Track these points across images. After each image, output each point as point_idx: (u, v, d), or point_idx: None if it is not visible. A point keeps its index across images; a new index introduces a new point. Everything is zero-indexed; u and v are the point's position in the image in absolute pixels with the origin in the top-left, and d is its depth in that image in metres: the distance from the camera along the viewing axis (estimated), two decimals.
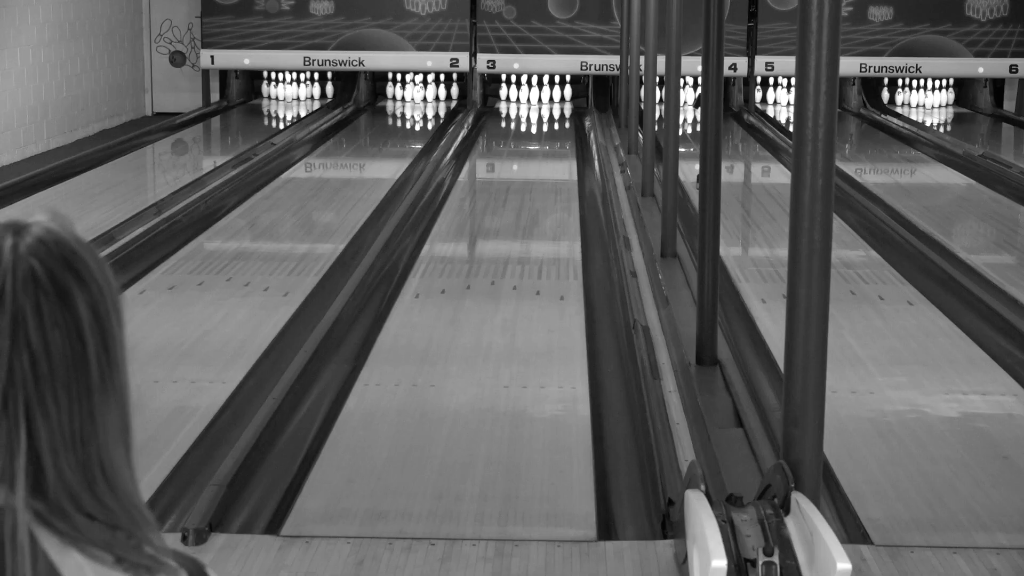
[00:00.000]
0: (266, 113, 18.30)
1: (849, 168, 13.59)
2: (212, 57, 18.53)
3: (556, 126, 17.51)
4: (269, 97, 19.21)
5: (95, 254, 1.32)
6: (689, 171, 12.18)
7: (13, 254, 1.25)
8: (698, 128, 13.82)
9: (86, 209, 11.22)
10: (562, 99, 19.07)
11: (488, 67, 18.64)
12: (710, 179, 6.64)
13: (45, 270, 1.25)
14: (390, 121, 18.14)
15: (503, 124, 17.75)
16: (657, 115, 12.64)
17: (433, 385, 6.44)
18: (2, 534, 1.20)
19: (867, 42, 18.58)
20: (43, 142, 14.86)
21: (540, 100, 19.02)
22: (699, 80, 17.63)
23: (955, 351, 7.10)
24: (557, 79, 19.05)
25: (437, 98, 19.16)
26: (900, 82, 19.35)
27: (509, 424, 5.92)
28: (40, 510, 1.22)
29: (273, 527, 4.76)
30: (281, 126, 17.19)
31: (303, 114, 18.05)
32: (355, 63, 18.59)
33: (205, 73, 18.86)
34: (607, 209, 11.26)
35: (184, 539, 4.27)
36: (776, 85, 19.21)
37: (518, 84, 19.07)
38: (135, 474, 1.31)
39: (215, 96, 18.95)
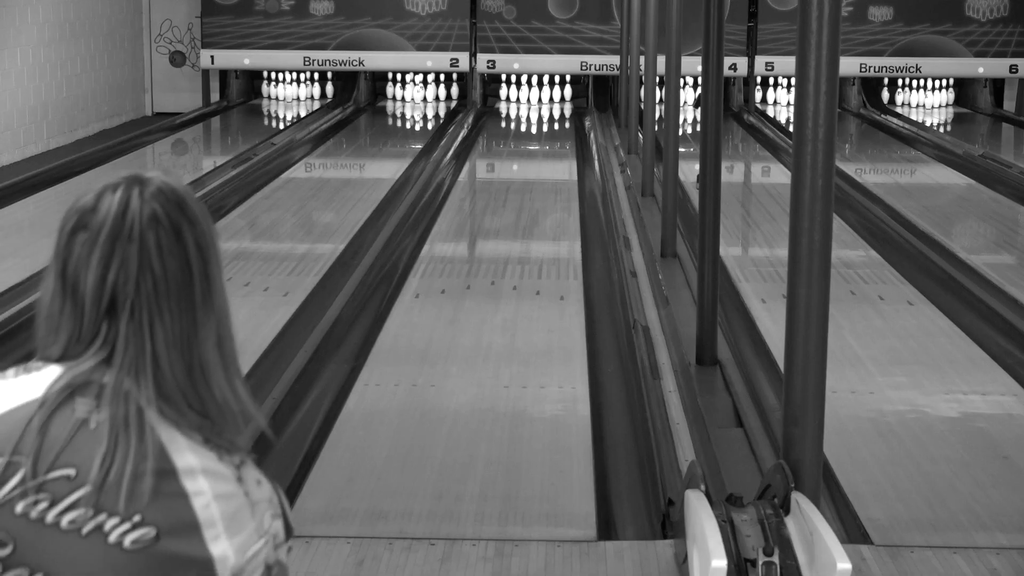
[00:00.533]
0: (266, 113, 18.31)
1: (849, 168, 13.59)
2: (212, 57, 18.54)
3: (556, 126, 17.51)
4: (269, 97, 19.21)
5: (200, 203, 1.64)
6: (689, 171, 12.18)
7: (140, 199, 1.60)
8: (698, 128, 13.82)
9: None
10: (562, 99, 19.08)
11: (488, 67, 18.64)
12: (710, 179, 6.64)
13: (164, 212, 1.59)
14: (390, 121, 18.14)
15: (503, 124, 17.76)
16: (657, 115, 12.64)
17: (433, 385, 6.44)
18: (126, 412, 1.53)
19: (867, 42, 18.58)
20: (43, 142, 14.86)
21: (540, 100, 19.03)
22: (699, 80, 17.63)
23: (955, 351, 7.10)
24: (557, 79, 19.05)
25: (437, 98, 19.16)
26: (900, 82, 19.35)
27: (509, 424, 5.92)
28: (153, 396, 1.56)
29: None
30: (281, 126, 17.19)
31: (303, 114, 18.05)
32: (355, 63, 18.59)
33: (205, 73, 18.86)
34: (607, 209, 11.26)
35: None
36: (776, 85, 19.21)
37: (518, 84, 19.08)
38: (233, 379, 1.62)
39: (215, 96, 18.95)
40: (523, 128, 17.55)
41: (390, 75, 19.24)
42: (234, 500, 1.57)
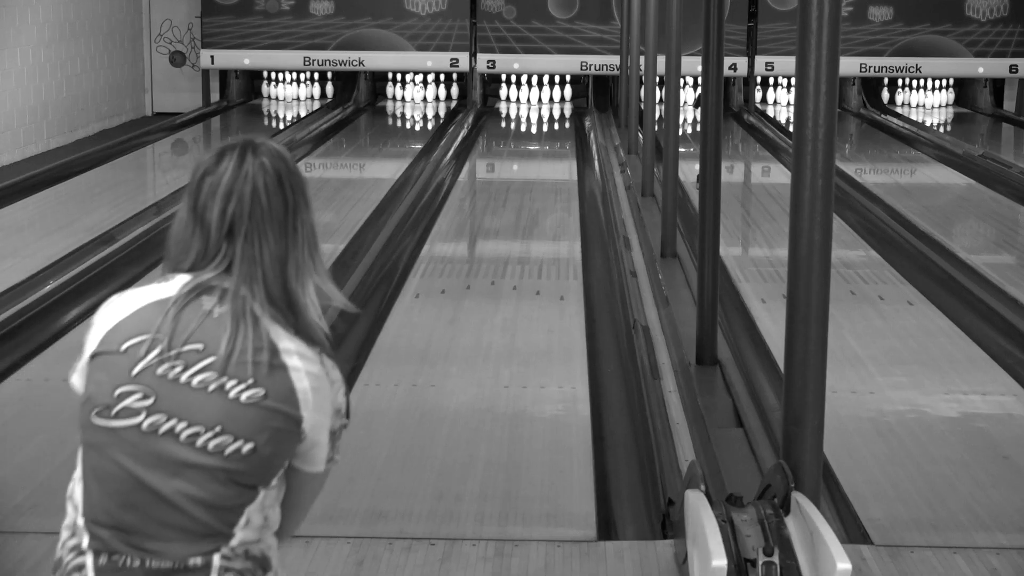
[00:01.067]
0: (266, 113, 18.31)
1: (849, 168, 13.59)
2: (212, 57, 18.54)
3: (556, 126, 17.51)
4: (269, 97, 19.21)
5: (294, 161, 2.22)
6: (689, 171, 12.18)
7: (253, 155, 2.16)
8: (698, 128, 13.83)
9: (86, 209, 11.23)
10: (562, 99, 19.08)
11: (488, 67, 18.65)
12: (710, 179, 6.64)
13: (270, 164, 2.16)
14: (390, 121, 18.14)
15: (503, 124, 17.76)
16: (657, 115, 12.64)
17: (433, 385, 6.44)
18: (242, 307, 2.11)
19: (867, 42, 18.58)
20: (43, 142, 14.86)
21: (540, 100, 19.02)
22: (699, 80, 17.64)
23: (955, 351, 7.10)
24: (557, 79, 19.05)
25: (437, 98, 19.17)
26: (900, 82, 19.36)
27: (509, 424, 5.93)
28: (263, 298, 2.13)
29: None
30: (281, 126, 17.19)
31: (303, 114, 18.05)
32: (355, 63, 18.59)
33: (205, 73, 18.86)
34: (607, 209, 11.26)
35: None
36: (776, 85, 19.21)
37: (518, 84, 19.08)
38: (315, 298, 2.19)
39: (215, 96, 18.95)
40: (523, 128, 17.55)
41: (390, 75, 19.24)
42: (319, 378, 2.16)
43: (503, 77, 19.03)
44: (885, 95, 19.42)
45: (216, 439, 2.08)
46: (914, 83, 19.33)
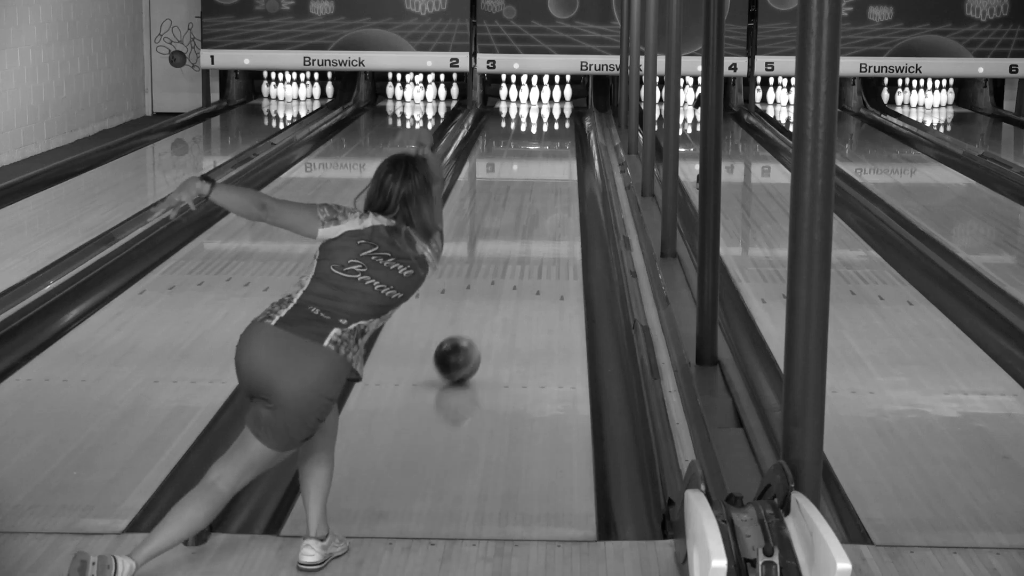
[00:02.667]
0: (266, 113, 18.31)
1: (849, 168, 13.60)
2: (212, 57, 18.54)
3: (556, 126, 17.51)
4: (269, 97, 19.21)
5: (431, 160, 4.30)
6: (689, 171, 12.19)
7: (410, 160, 4.22)
8: (698, 128, 13.83)
9: (86, 209, 11.23)
10: (562, 99, 19.08)
11: (488, 67, 18.65)
12: (710, 179, 6.64)
13: (417, 166, 4.21)
14: (390, 121, 18.14)
15: (503, 124, 17.76)
16: (657, 115, 12.64)
17: (433, 385, 6.44)
18: (407, 232, 4.17)
19: (867, 42, 18.58)
20: (43, 142, 14.87)
21: (540, 100, 19.02)
22: (699, 80, 17.64)
23: (955, 351, 7.10)
24: (557, 79, 19.06)
25: (437, 98, 19.17)
26: (900, 82, 19.36)
27: (509, 424, 5.93)
28: (416, 230, 4.18)
29: (273, 527, 4.77)
30: (281, 126, 17.19)
31: (303, 114, 18.05)
32: (355, 63, 18.60)
33: (205, 73, 18.87)
34: (607, 209, 11.26)
35: (184, 540, 4.26)
36: (776, 85, 19.21)
37: (518, 84, 19.08)
38: (440, 225, 4.27)
39: (215, 96, 18.95)
40: (523, 128, 17.55)
41: (390, 75, 19.25)
42: (434, 256, 4.24)
43: (503, 77, 19.03)
44: (885, 95, 19.42)
45: (389, 290, 4.12)
46: (914, 83, 19.33)
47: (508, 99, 19.08)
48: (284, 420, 4.06)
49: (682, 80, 13.57)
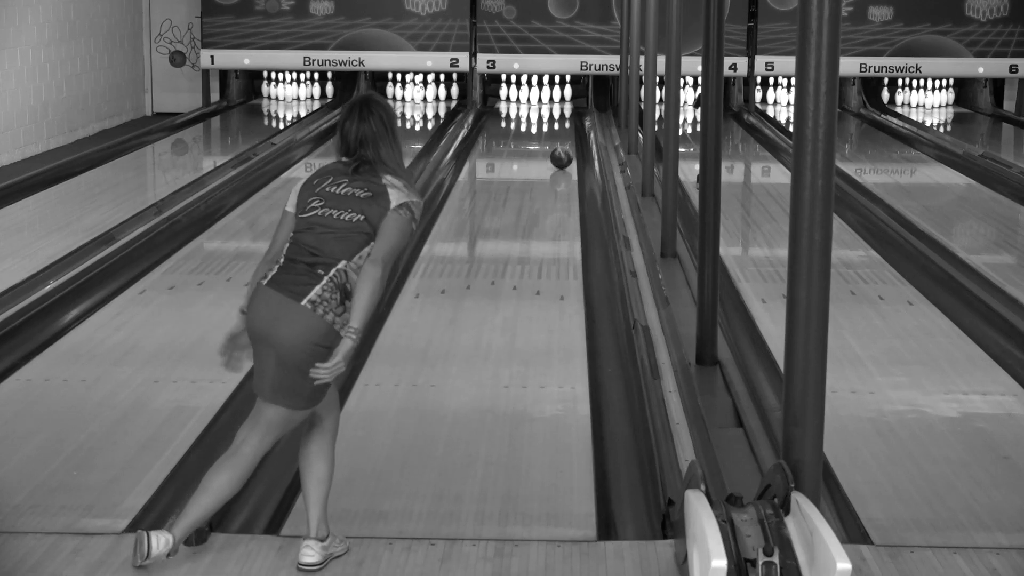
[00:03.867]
0: (266, 113, 18.31)
1: (849, 168, 13.60)
2: (212, 57, 18.54)
3: (556, 126, 17.51)
4: (269, 97, 19.21)
5: (386, 101, 4.51)
6: (689, 171, 12.19)
7: (366, 102, 4.32)
8: (698, 128, 13.83)
9: (86, 209, 11.23)
10: (562, 99, 19.08)
11: (488, 67, 18.65)
12: (710, 179, 6.64)
13: (376, 106, 4.32)
14: None
15: (503, 124, 17.75)
16: (657, 115, 12.64)
17: (433, 385, 6.44)
18: (370, 168, 4.26)
19: (867, 42, 18.58)
20: (43, 142, 14.86)
21: (540, 100, 19.02)
22: (699, 80, 17.64)
23: (955, 351, 7.10)
24: (557, 79, 19.05)
25: (437, 98, 19.17)
26: (900, 82, 19.36)
27: (509, 424, 5.93)
28: (379, 165, 4.28)
29: (273, 527, 4.77)
30: (281, 126, 17.19)
31: (303, 114, 18.05)
32: (355, 63, 18.60)
33: (205, 73, 18.86)
34: (607, 209, 11.26)
35: (185, 539, 4.26)
36: (776, 85, 19.21)
37: (518, 84, 19.08)
38: (404, 169, 4.35)
39: (215, 96, 18.95)
40: (523, 128, 17.55)
41: (390, 75, 19.24)
42: (400, 189, 4.22)
43: (503, 77, 19.03)
44: (885, 95, 19.42)
45: (348, 214, 4.19)
46: (914, 83, 19.33)
47: (508, 99, 19.08)
48: (287, 374, 4.13)
49: (682, 80, 13.57)
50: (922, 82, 19.29)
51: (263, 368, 4.21)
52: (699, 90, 17.78)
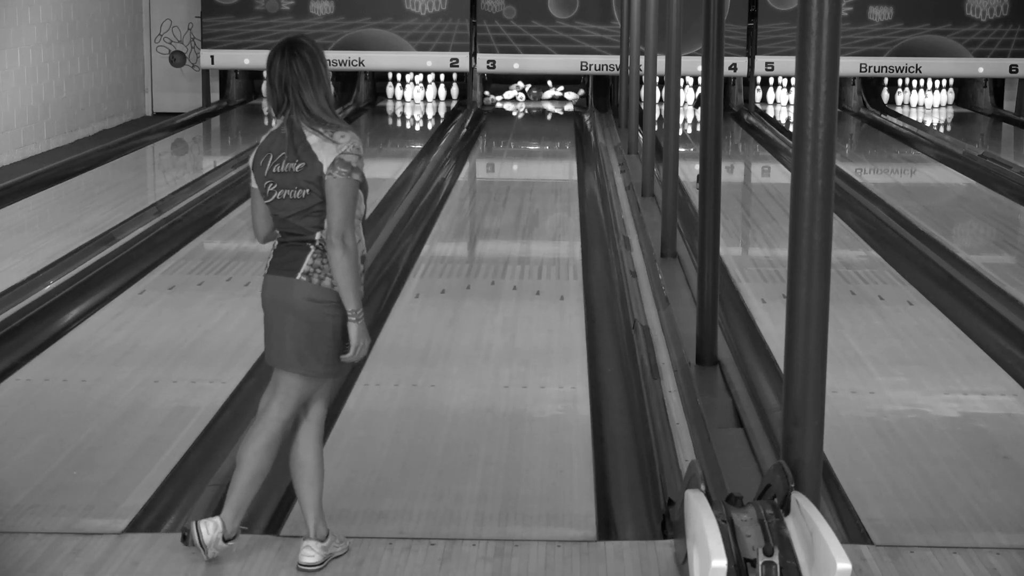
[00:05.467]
0: (266, 113, 18.30)
1: (849, 168, 13.60)
2: (212, 57, 18.54)
3: (556, 126, 17.50)
4: None
5: (314, 42, 4.26)
6: (689, 171, 12.19)
7: (291, 46, 4.21)
8: (698, 128, 13.83)
9: (86, 209, 11.23)
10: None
11: (488, 67, 18.65)
12: (710, 179, 6.64)
13: (300, 49, 4.20)
14: (390, 121, 18.14)
15: (503, 124, 17.75)
16: (657, 115, 12.64)
17: (433, 385, 6.44)
18: (295, 127, 4.20)
19: (867, 42, 18.58)
20: (43, 142, 14.86)
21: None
22: (699, 80, 17.64)
23: (955, 351, 7.10)
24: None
25: (437, 98, 19.17)
26: (900, 82, 19.36)
27: (509, 424, 5.93)
28: (303, 117, 4.19)
29: (273, 527, 4.77)
30: None
31: None
32: (355, 63, 18.60)
33: (205, 73, 18.86)
34: (607, 209, 11.26)
35: (184, 539, 4.26)
36: (776, 85, 19.21)
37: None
38: (332, 110, 4.25)
39: (215, 96, 18.95)
40: (523, 128, 17.54)
41: (390, 75, 19.25)
42: (328, 145, 4.18)
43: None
44: (885, 95, 19.42)
45: (297, 191, 4.20)
46: (914, 83, 19.33)
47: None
48: (300, 343, 4.26)
49: (682, 80, 13.57)
50: (922, 82, 19.28)
51: (280, 336, 4.29)
52: (699, 90, 17.78)
